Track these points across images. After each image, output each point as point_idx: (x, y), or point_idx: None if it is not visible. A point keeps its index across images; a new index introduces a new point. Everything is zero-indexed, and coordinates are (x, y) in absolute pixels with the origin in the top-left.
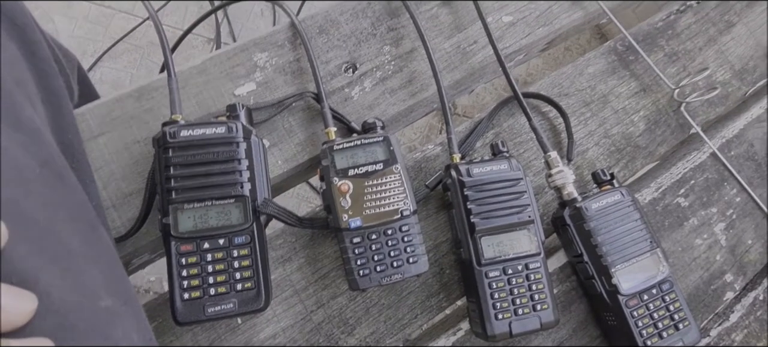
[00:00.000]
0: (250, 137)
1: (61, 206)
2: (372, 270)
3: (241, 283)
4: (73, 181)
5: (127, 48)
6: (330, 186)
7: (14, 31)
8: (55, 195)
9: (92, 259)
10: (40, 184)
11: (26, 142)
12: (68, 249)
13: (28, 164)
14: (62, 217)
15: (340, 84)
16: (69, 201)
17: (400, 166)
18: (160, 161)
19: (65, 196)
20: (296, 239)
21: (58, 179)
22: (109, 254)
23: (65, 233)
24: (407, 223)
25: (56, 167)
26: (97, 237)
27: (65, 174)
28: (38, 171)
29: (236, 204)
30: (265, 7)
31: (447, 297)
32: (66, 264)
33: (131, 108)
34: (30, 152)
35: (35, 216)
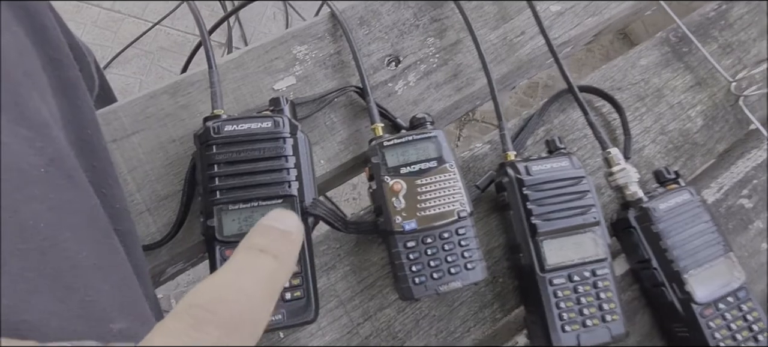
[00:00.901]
0: (296, 132)
1: (68, 212)
2: (428, 277)
3: (290, 292)
4: (84, 183)
5: (137, 53)
6: (381, 185)
7: (23, 15)
8: (62, 199)
9: (104, 273)
10: (45, 186)
11: (31, 138)
12: (74, 263)
13: (31, 162)
14: (69, 224)
15: (383, 78)
16: (78, 206)
17: (454, 163)
18: (203, 159)
19: (74, 200)
20: (340, 245)
21: (67, 180)
22: (124, 267)
23: (71, 243)
24: (464, 225)
25: (65, 166)
26: (110, 247)
27: (75, 175)
28: (43, 171)
29: (284, 205)
30: (277, 9)
31: (501, 307)
32: (70, 281)
33: (166, 105)
34: (34, 149)
35: (36, 224)
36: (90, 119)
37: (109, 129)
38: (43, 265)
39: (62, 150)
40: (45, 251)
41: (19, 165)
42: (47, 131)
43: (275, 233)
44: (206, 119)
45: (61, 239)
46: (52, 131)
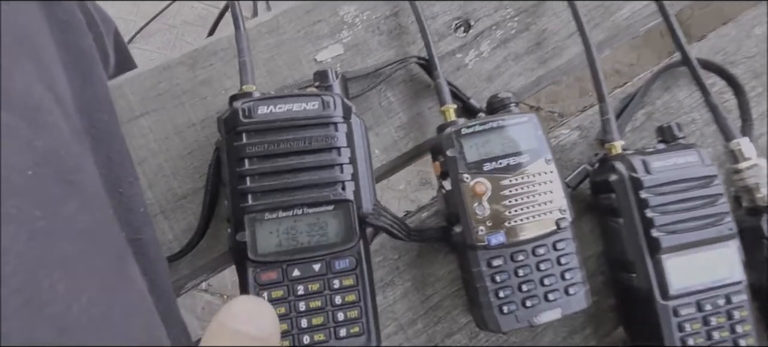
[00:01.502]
0: (350, 116)
1: (61, 237)
2: (519, 305)
3: (346, 326)
4: (91, 188)
5: (160, 28)
6: (459, 186)
7: None
8: (54, 217)
9: (110, 330)
10: (29, 198)
11: (13, 126)
12: (61, 324)
13: (11, 162)
14: (60, 258)
15: (450, 47)
16: (79, 224)
17: (552, 158)
18: (230, 151)
19: (73, 215)
20: (399, 255)
21: (64, 188)
22: (141, 306)
23: (64, 280)
24: (564, 238)
25: (63, 166)
26: (123, 280)
27: (78, 179)
28: (30, 175)
29: (336, 213)
30: None
31: (594, 332)
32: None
33: (183, 79)
34: (18, 142)
35: (12, 255)
36: (104, 97)
37: None
38: (8, 337)
39: (60, 143)
40: (24, 294)
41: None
42: (39, 117)
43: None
44: (233, 97)
45: (43, 286)
46: (48, 117)
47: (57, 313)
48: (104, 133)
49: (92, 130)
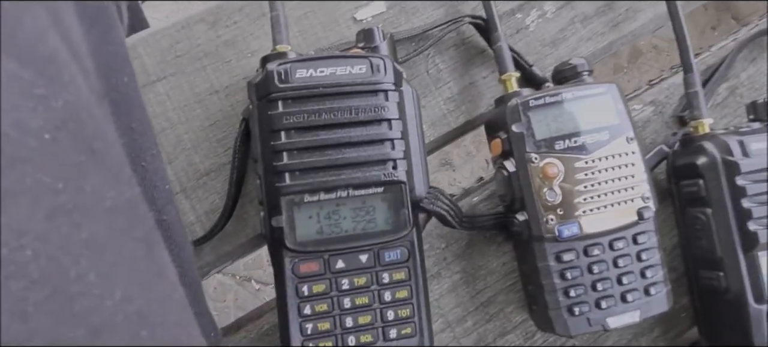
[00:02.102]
0: (401, 83)
1: (88, 212)
2: (591, 306)
3: (396, 326)
4: (116, 159)
5: None
6: (526, 167)
7: None
8: (79, 189)
9: (149, 319)
10: (48, 167)
11: (28, 80)
12: (99, 301)
13: (26, 124)
14: (90, 235)
15: (509, 6)
16: (106, 201)
17: (634, 136)
18: (263, 122)
19: (98, 190)
20: (446, 244)
21: (88, 157)
22: (175, 302)
23: (93, 269)
24: (646, 230)
25: (84, 132)
26: (155, 268)
27: (102, 148)
28: (48, 139)
29: (385, 196)
30: None
31: (663, 333)
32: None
33: (204, 39)
34: (33, 101)
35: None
36: (125, 59)
37: None
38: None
39: (80, 104)
40: (38, 310)
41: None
42: (54, 71)
43: None
44: (266, 59)
45: (70, 276)
46: (64, 72)
47: (89, 309)
48: (125, 98)
49: (112, 94)
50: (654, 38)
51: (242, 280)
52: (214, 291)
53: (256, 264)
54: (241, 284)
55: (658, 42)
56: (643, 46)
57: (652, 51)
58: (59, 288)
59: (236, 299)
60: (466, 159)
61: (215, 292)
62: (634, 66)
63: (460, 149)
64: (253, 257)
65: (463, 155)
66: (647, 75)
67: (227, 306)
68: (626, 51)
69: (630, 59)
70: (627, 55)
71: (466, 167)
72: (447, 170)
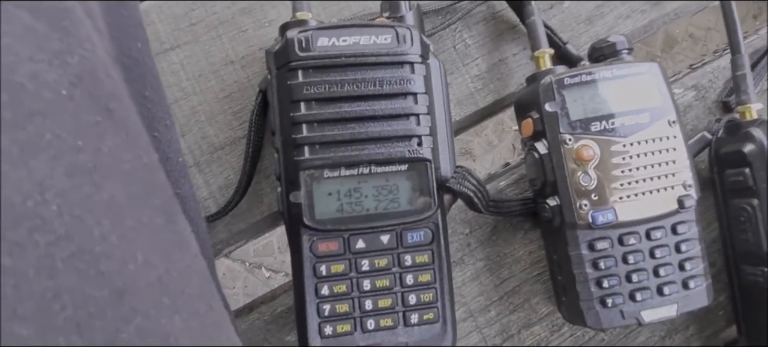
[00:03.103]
0: (428, 56)
1: (107, 172)
2: (626, 298)
3: (418, 311)
4: (133, 122)
5: None
6: (559, 149)
7: None
8: (98, 149)
9: (170, 286)
10: (66, 124)
11: (43, 33)
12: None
13: (43, 78)
14: (110, 196)
15: None
16: (125, 166)
17: (676, 119)
18: (282, 92)
19: (116, 153)
20: (470, 230)
21: (105, 117)
22: (197, 271)
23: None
24: (686, 220)
25: (100, 91)
26: (175, 236)
27: (118, 109)
28: (65, 95)
29: (410, 174)
30: None
31: (699, 331)
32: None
33: (220, 7)
34: (49, 54)
35: (52, 192)
36: (138, 24)
37: None
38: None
39: (96, 62)
40: (63, 267)
41: (15, 79)
42: (69, 26)
43: None
44: (285, 26)
45: (94, 235)
46: (80, 28)
47: (113, 271)
48: (137, 64)
49: (124, 59)
50: (690, 26)
51: (252, 267)
52: (223, 276)
53: (266, 251)
54: (251, 271)
55: (694, 30)
56: (678, 34)
57: (687, 40)
58: (84, 246)
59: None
60: (487, 149)
61: (224, 278)
62: (669, 55)
63: (481, 138)
64: (263, 243)
65: (484, 144)
66: (682, 65)
67: (236, 292)
68: (660, 39)
69: (664, 47)
70: (661, 42)
71: (486, 157)
72: (467, 160)
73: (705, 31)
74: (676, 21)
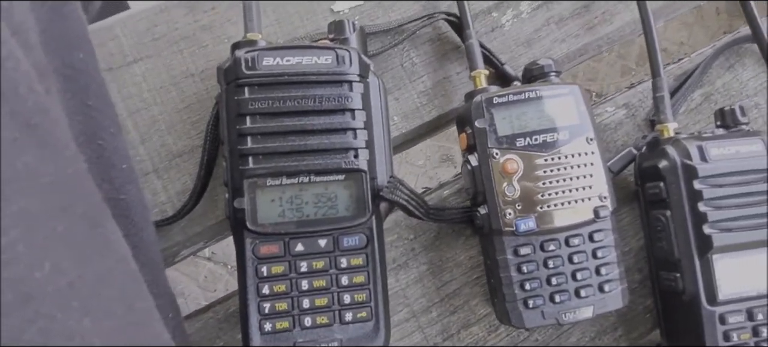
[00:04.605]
0: (367, 74)
1: (20, 186)
2: (546, 300)
3: (352, 310)
4: (57, 135)
5: None
6: (488, 162)
7: None
8: (11, 165)
9: (81, 298)
10: None
11: None
12: (28, 271)
13: None
14: (21, 209)
15: (486, 5)
16: (43, 176)
17: (594, 136)
18: (230, 106)
19: (34, 165)
20: (415, 236)
21: (23, 132)
22: (120, 275)
23: (23, 240)
24: (602, 229)
25: (22, 107)
26: (97, 244)
27: (41, 123)
28: None
29: (347, 183)
30: None
31: (626, 333)
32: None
33: (182, 23)
34: None
35: None
36: (82, 37)
37: (101, 52)
38: None
39: (18, 77)
40: None
41: None
42: None
43: None
44: (236, 45)
45: (2, 243)
46: (4, 48)
47: (18, 277)
48: (80, 74)
49: (65, 70)
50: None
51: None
52: (205, 279)
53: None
54: (232, 273)
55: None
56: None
57: (661, 53)
58: None
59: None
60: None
61: (206, 280)
62: (643, 68)
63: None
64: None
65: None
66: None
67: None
68: (635, 52)
69: (638, 61)
70: (635, 56)
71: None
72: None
73: (678, 46)
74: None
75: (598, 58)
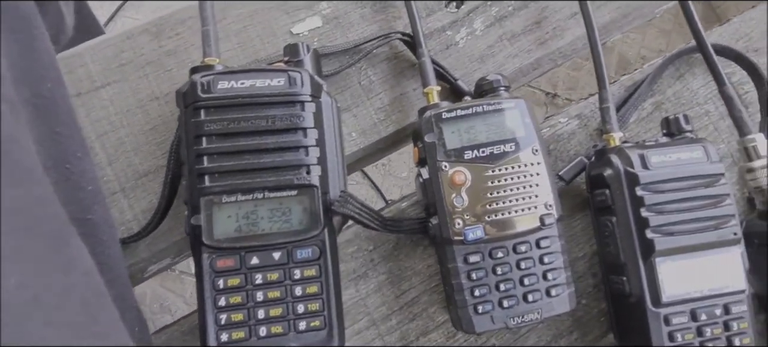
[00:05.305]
0: (320, 94)
1: None
2: (495, 305)
3: (306, 319)
4: (24, 161)
5: None
6: (437, 175)
7: None
8: None
9: (45, 304)
10: None
11: None
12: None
13: None
14: None
15: (440, 24)
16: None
17: (539, 148)
18: (188, 128)
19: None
20: (374, 247)
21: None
22: (84, 290)
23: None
24: (549, 236)
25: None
26: (61, 261)
27: (8, 150)
28: None
29: (299, 198)
30: None
31: (582, 336)
32: None
33: (148, 49)
34: None
35: None
36: (50, 67)
37: (70, 79)
38: None
39: None
40: None
41: None
42: None
43: None
44: (194, 70)
45: None
46: None
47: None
48: (49, 102)
49: (35, 100)
50: (642, 49)
51: None
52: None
53: None
54: None
55: (646, 52)
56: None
57: (639, 61)
58: None
59: None
60: None
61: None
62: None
63: None
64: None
65: None
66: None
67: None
68: (614, 61)
69: (617, 69)
70: (615, 64)
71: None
72: None
73: (657, 53)
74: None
75: (577, 66)
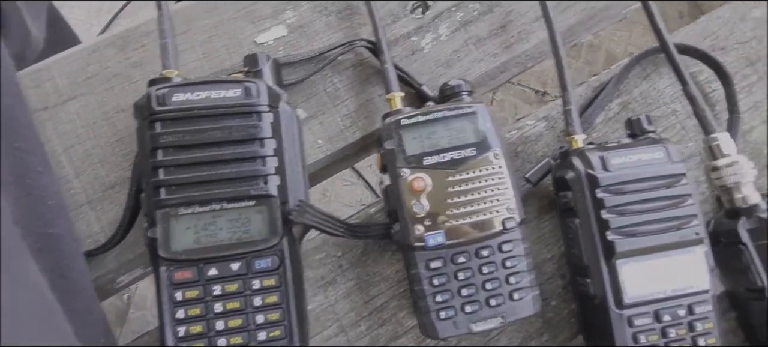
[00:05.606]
0: (278, 104)
1: None
2: (458, 311)
3: (266, 329)
4: None
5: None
6: (397, 181)
7: None
8: None
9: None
10: None
11: None
12: None
13: None
14: None
15: (406, 30)
16: None
17: (501, 152)
18: (144, 141)
19: None
20: (343, 252)
21: None
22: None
23: None
24: (511, 239)
25: None
26: (18, 277)
27: None
28: None
29: (258, 209)
30: None
31: (552, 338)
32: None
33: (113, 61)
34: None
35: None
36: (9, 83)
37: (38, 93)
38: None
39: None
40: None
41: None
42: None
43: None
44: (151, 82)
45: None
46: None
47: None
48: (8, 119)
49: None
50: (629, 46)
51: None
52: None
53: None
54: None
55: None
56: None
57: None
58: None
59: None
60: None
61: None
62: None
63: None
64: None
65: None
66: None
67: None
68: (602, 58)
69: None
70: (602, 62)
71: None
72: None
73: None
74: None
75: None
